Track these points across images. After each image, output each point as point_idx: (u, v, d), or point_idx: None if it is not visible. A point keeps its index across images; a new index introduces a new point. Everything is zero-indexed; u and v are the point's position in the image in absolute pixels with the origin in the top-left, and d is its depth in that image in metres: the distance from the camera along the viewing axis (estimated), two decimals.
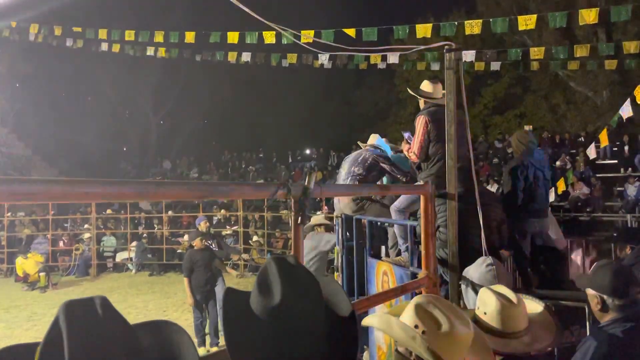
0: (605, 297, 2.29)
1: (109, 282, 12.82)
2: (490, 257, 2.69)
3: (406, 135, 4.36)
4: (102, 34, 9.46)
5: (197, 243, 7.26)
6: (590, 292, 2.38)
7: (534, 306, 2.19)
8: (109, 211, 16.63)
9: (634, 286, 2.26)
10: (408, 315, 1.55)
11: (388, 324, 1.59)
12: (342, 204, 5.14)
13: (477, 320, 2.00)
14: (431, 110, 4.07)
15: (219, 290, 7.11)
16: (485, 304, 2.01)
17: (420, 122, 4.04)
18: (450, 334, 1.45)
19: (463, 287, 2.66)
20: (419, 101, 4.38)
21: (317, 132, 31.12)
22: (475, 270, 2.61)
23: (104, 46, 9.85)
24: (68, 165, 25.72)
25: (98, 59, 20.78)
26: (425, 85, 4.29)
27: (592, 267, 2.46)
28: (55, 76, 27.41)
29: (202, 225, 8.00)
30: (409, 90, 4.59)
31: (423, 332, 1.48)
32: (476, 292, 2.44)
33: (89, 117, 28.57)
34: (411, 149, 4.11)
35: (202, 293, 7.09)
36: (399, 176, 5.13)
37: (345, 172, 5.14)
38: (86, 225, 15.37)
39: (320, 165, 23.69)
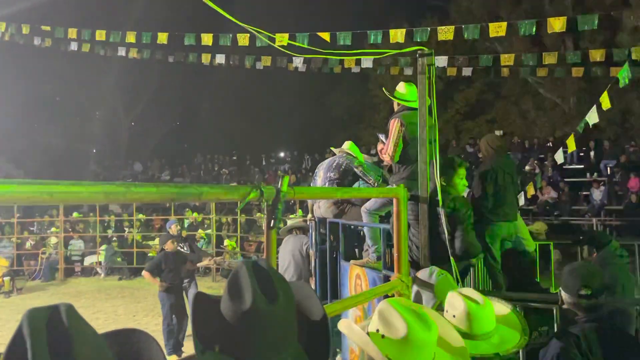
0: (569, 296, 2.36)
1: (76, 287, 12.52)
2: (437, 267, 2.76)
3: (381, 136, 4.39)
4: (72, 33, 9.25)
5: (169, 246, 7.15)
6: (562, 292, 2.46)
7: (501, 308, 2.24)
8: (75, 214, 16.26)
9: (586, 287, 2.34)
10: (373, 320, 1.58)
11: (349, 329, 1.62)
12: (323, 209, 5.13)
13: None
14: (405, 113, 4.11)
15: (192, 294, 7.02)
16: (454, 306, 2.04)
17: (394, 124, 4.07)
18: (408, 339, 1.47)
19: (414, 290, 2.70)
20: (393, 103, 4.42)
21: (291, 135, 31.07)
22: (425, 278, 2.68)
23: (74, 45, 9.64)
24: (35, 167, 25.06)
25: (67, 58, 20.33)
26: (399, 87, 4.32)
27: (565, 268, 2.53)
28: (22, 75, 26.68)
29: (173, 229, 7.90)
30: (385, 92, 4.62)
31: (382, 337, 1.51)
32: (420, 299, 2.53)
33: (57, 118, 27.93)
34: (384, 150, 4.14)
35: (174, 295, 6.97)
36: (369, 182, 5.17)
37: (322, 179, 5.15)
38: (53, 229, 15.00)
39: (294, 168, 23.66)
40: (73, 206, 16.42)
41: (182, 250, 7.77)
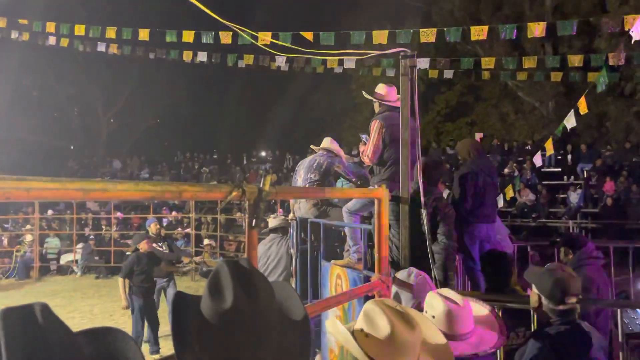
0: (543, 298, 2.40)
1: (51, 286, 12.30)
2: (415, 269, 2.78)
3: (364, 137, 4.40)
4: (50, 27, 9.09)
5: (142, 246, 7.03)
6: (534, 289, 2.49)
7: (479, 308, 2.26)
8: (50, 212, 15.97)
9: (571, 296, 2.38)
10: (359, 319, 1.61)
11: (334, 327, 1.65)
12: (304, 210, 5.11)
13: None
14: (386, 114, 4.12)
15: (171, 294, 6.94)
16: (433, 307, 2.06)
17: (375, 126, 4.08)
18: (391, 339, 1.49)
19: (393, 290, 2.72)
20: (374, 104, 4.43)
21: (272, 135, 31.00)
22: (404, 279, 2.69)
23: (52, 40, 9.47)
24: (10, 163, 24.54)
25: (45, 52, 19.97)
26: (380, 89, 4.33)
27: (544, 267, 2.56)
28: None
29: (153, 227, 7.79)
30: (364, 93, 4.63)
31: (367, 336, 1.53)
32: (400, 300, 2.55)
33: (34, 113, 27.38)
34: (365, 152, 4.15)
35: (143, 298, 6.86)
36: (353, 179, 5.17)
37: (302, 179, 5.14)
38: (28, 226, 14.71)
39: (275, 167, 23.60)
40: (49, 203, 16.12)
41: (160, 249, 7.64)
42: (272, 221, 6.02)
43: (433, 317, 2.03)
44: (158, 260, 7.16)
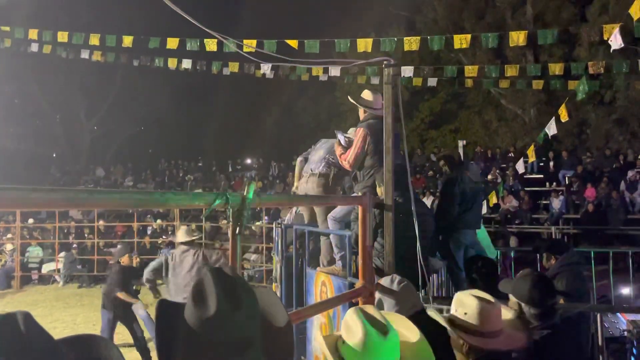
0: (523, 304, 2.43)
1: (33, 295, 12.10)
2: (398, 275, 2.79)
3: (340, 136, 4.38)
4: (33, 34, 9.02)
5: (125, 260, 6.94)
6: (511, 298, 2.52)
7: (504, 312, 2.29)
8: (30, 220, 15.73)
9: (549, 298, 2.41)
10: (342, 327, 1.66)
11: (318, 337, 1.73)
12: (310, 188, 4.91)
13: (453, 321, 2.07)
14: (370, 122, 4.13)
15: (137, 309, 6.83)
16: (465, 305, 2.07)
17: (359, 134, 4.10)
18: (364, 344, 1.54)
19: (376, 297, 2.73)
20: (359, 111, 4.44)
21: (258, 142, 30.95)
22: (387, 285, 2.71)
23: (34, 47, 9.40)
24: None
25: (27, 58, 19.74)
26: (367, 95, 4.32)
27: (517, 275, 2.60)
28: None
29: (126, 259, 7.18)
30: (349, 99, 4.62)
31: (343, 342, 1.59)
32: (382, 307, 2.54)
33: (16, 120, 27.00)
34: (346, 157, 4.15)
35: (110, 313, 6.72)
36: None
37: (319, 158, 5.01)
38: (9, 235, 14.47)
39: (260, 175, 23.55)
40: (30, 212, 15.88)
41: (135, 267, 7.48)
42: (183, 235, 5.64)
43: (465, 313, 2.04)
44: (136, 276, 6.99)
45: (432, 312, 2.23)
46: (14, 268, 13.15)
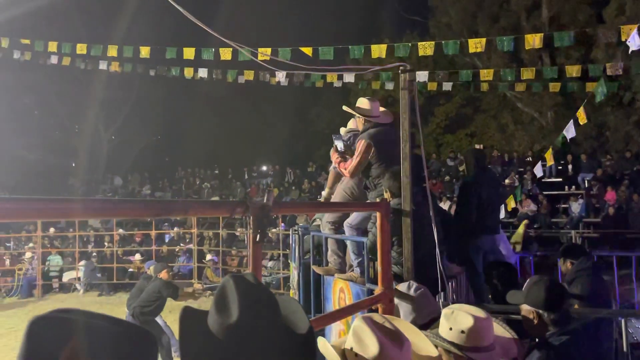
0: (540, 311, 2.38)
1: (54, 303, 12.26)
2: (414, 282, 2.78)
3: (337, 140, 4.35)
4: (52, 46, 9.19)
5: (164, 275, 7.02)
6: (525, 307, 2.46)
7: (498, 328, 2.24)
8: (52, 230, 15.97)
9: (565, 300, 2.37)
10: (349, 337, 1.60)
11: (324, 347, 1.66)
12: (345, 184, 4.76)
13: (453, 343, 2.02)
14: (371, 132, 4.01)
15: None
16: (460, 322, 1.99)
17: (362, 145, 3.98)
18: (378, 357, 1.49)
19: (396, 301, 2.71)
20: (356, 120, 4.37)
21: (273, 149, 31.04)
22: (404, 291, 2.69)
23: (54, 59, 9.57)
24: (12, 181, 24.60)
25: (47, 70, 20.11)
26: (363, 103, 4.20)
27: (526, 283, 2.55)
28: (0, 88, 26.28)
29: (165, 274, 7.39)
30: (344, 107, 4.53)
31: (356, 355, 1.54)
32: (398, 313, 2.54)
33: (35, 131, 27.47)
34: (346, 165, 4.12)
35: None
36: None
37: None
38: (30, 244, 14.70)
39: (276, 181, 23.62)
40: (50, 221, 16.13)
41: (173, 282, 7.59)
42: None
43: (462, 332, 1.98)
44: (175, 292, 7.08)
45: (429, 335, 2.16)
46: (35, 277, 13.35)
